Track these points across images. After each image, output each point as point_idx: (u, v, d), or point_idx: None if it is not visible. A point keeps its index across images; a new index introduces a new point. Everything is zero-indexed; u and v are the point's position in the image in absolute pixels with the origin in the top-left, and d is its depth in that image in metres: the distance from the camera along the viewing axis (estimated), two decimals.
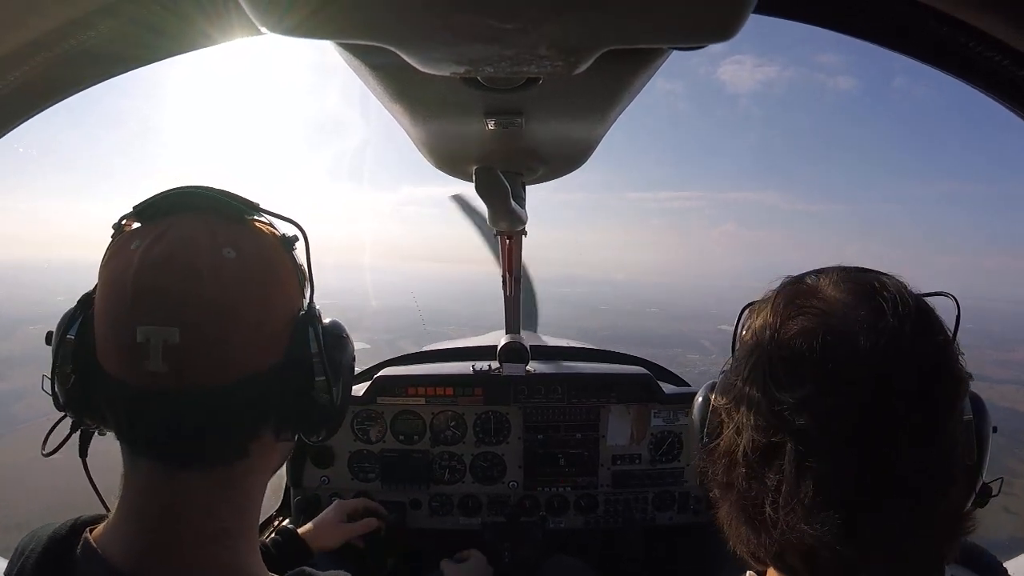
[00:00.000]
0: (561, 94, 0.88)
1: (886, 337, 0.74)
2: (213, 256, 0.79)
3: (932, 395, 0.75)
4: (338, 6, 0.56)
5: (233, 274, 0.80)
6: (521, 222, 1.63)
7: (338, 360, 0.92)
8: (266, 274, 0.85)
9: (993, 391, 50.62)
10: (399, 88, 0.88)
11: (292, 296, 0.89)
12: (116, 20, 0.82)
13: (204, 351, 0.78)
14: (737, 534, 0.86)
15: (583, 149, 1.19)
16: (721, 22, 0.58)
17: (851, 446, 0.73)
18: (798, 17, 0.87)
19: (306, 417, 0.90)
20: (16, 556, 0.83)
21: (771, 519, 0.77)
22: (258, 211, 0.89)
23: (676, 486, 2.88)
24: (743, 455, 0.81)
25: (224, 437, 0.84)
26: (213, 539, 0.83)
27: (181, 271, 0.78)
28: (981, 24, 0.77)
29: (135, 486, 0.83)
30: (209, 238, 0.81)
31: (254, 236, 0.86)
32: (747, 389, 0.82)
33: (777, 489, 0.77)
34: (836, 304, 0.79)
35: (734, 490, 0.83)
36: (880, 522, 0.74)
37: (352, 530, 2.18)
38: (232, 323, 0.79)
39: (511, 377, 2.80)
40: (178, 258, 0.78)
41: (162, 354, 0.76)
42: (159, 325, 0.76)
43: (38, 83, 0.86)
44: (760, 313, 0.87)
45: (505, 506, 2.87)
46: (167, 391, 0.77)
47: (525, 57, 0.63)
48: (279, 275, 0.87)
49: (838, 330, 0.76)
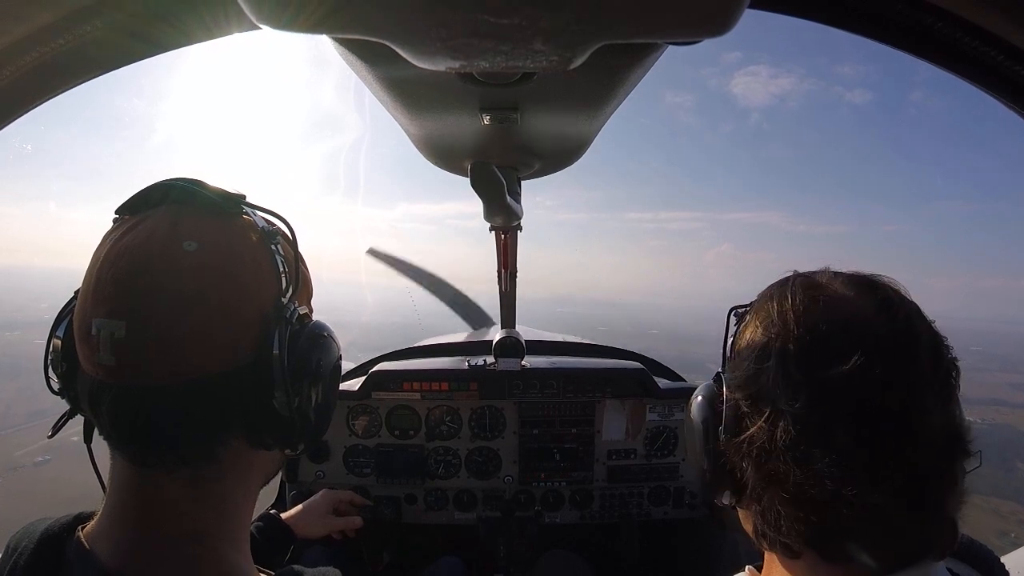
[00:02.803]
0: (556, 89, 0.88)
1: (900, 319, 0.82)
2: (171, 249, 0.77)
3: (945, 368, 0.82)
4: (334, 1, 0.56)
5: (189, 268, 0.77)
6: (516, 217, 1.63)
7: (310, 366, 0.85)
8: (231, 269, 0.80)
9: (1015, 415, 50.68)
10: (395, 83, 0.87)
11: (264, 294, 0.83)
12: (109, 16, 0.81)
13: (152, 346, 0.75)
14: (778, 526, 0.84)
15: (579, 144, 1.20)
16: (716, 16, 0.58)
17: (903, 409, 0.77)
18: (792, 11, 0.87)
19: (268, 425, 0.84)
20: (8, 553, 0.82)
21: (833, 495, 0.77)
22: (239, 204, 0.86)
23: (671, 481, 2.90)
24: (784, 441, 0.81)
25: (179, 438, 0.80)
26: (193, 540, 0.82)
27: (133, 264, 0.76)
28: (976, 19, 0.78)
29: (115, 482, 0.83)
30: (172, 230, 0.78)
31: (226, 230, 0.82)
32: (779, 376, 0.83)
33: (835, 464, 0.77)
34: (845, 294, 0.86)
35: (780, 479, 0.82)
36: (915, 491, 0.78)
37: (336, 524, 2.17)
38: (184, 319, 0.76)
39: (506, 372, 2.81)
40: (135, 251, 0.77)
41: (110, 347, 0.74)
42: (108, 317, 0.75)
43: (29, 80, 0.85)
44: (763, 310, 0.90)
45: (500, 501, 2.88)
46: (118, 385, 0.76)
47: (520, 52, 0.63)
48: (247, 271, 0.81)
49: (859, 314, 0.83)
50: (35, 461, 22.60)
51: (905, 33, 0.84)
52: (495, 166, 1.20)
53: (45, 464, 21.63)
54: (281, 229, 0.89)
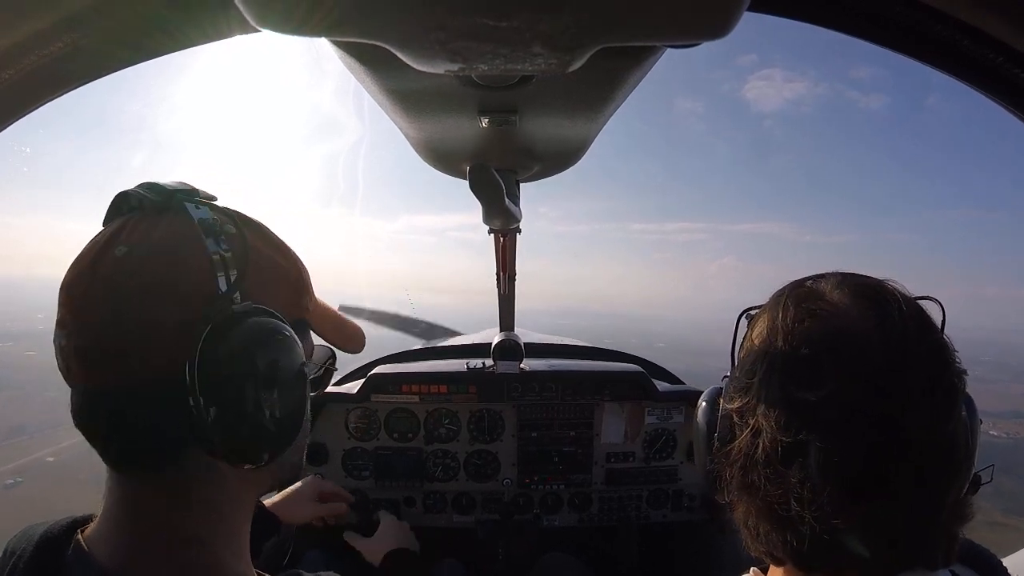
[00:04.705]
0: (555, 92, 0.89)
1: (895, 334, 0.79)
2: (104, 255, 0.78)
3: (942, 386, 0.79)
4: (333, 4, 0.56)
5: (117, 272, 0.76)
6: (515, 220, 1.63)
7: (244, 370, 0.77)
8: (161, 271, 0.77)
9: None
10: (393, 86, 0.87)
11: (193, 294, 0.77)
12: (108, 18, 0.81)
13: (86, 353, 0.76)
14: (756, 534, 0.87)
15: (577, 147, 1.20)
16: (715, 20, 0.58)
17: (874, 437, 0.76)
18: (792, 15, 0.88)
19: (212, 437, 0.76)
20: (7, 556, 0.82)
21: (798, 516, 0.78)
22: (181, 202, 0.82)
23: (670, 484, 2.90)
24: (763, 456, 0.82)
25: (132, 443, 0.79)
26: (186, 544, 0.81)
27: (73, 273, 0.79)
28: (976, 21, 0.78)
29: (106, 485, 0.84)
30: (110, 237, 0.79)
31: (162, 230, 0.80)
32: (763, 391, 0.83)
33: (802, 485, 0.78)
34: (842, 306, 0.83)
35: (755, 491, 0.84)
36: (903, 510, 0.77)
37: (320, 510, 2.19)
38: (114, 325, 0.75)
39: (505, 375, 2.80)
40: (78, 260, 0.80)
41: (60, 354, 0.78)
42: (57, 327, 0.78)
43: (27, 83, 0.85)
44: (765, 317, 0.89)
45: (499, 504, 2.87)
46: (76, 388, 0.80)
47: (519, 55, 0.63)
48: (178, 272, 0.78)
49: (850, 330, 0.81)
50: (4, 484, 21.35)
51: (903, 36, 0.84)
52: (494, 169, 1.20)
53: (16, 487, 20.67)
54: (234, 222, 0.85)
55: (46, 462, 5.37)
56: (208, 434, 0.76)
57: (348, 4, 0.56)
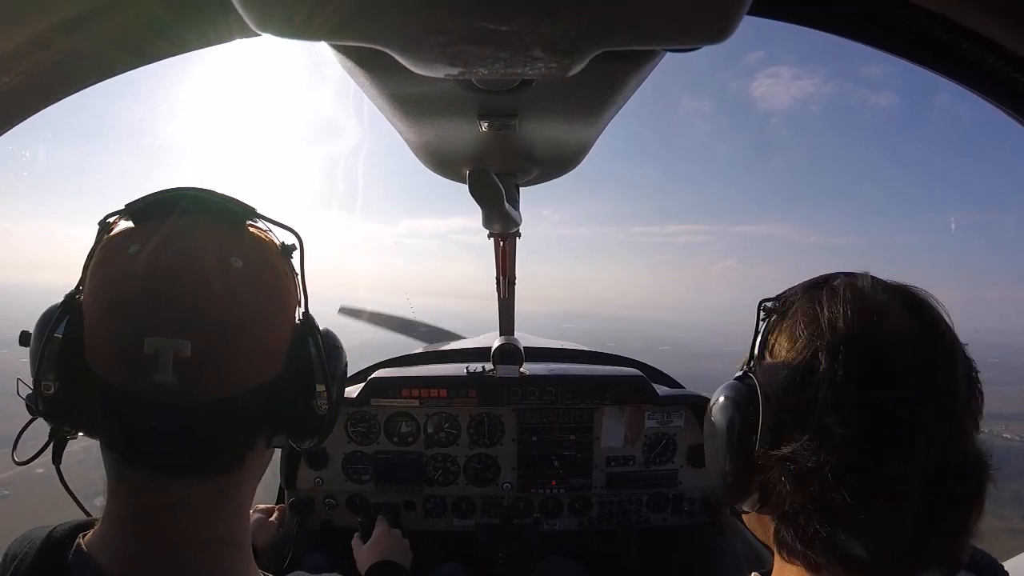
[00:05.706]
0: (555, 96, 0.89)
1: (945, 339, 0.80)
2: (222, 266, 0.79)
3: (975, 387, 0.80)
4: (332, 8, 0.56)
5: (241, 285, 0.80)
6: (515, 224, 1.63)
7: (334, 369, 0.91)
8: (270, 284, 0.85)
9: None
10: (393, 90, 0.87)
11: (292, 305, 0.89)
12: (108, 22, 0.81)
13: (213, 363, 0.76)
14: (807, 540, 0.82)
15: (577, 150, 1.20)
16: (714, 23, 0.58)
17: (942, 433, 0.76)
18: (791, 19, 0.88)
19: (302, 425, 0.90)
20: (8, 560, 0.81)
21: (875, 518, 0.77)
22: (255, 216, 0.88)
23: (670, 488, 2.89)
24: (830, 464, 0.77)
25: (223, 448, 0.83)
26: (205, 548, 0.82)
27: (192, 281, 0.76)
28: (974, 25, 0.78)
29: (125, 494, 0.82)
30: (216, 246, 0.80)
31: (255, 244, 0.86)
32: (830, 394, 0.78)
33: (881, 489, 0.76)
34: (890, 306, 0.82)
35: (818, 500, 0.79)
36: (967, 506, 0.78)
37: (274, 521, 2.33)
38: (240, 335, 0.79)
39: (505, 379, 2.80)
40: (188, 267, 0.77)
41: (172, 366, 0.73)
42: (170, 337, 0.73)
43: (28, 86, 0.85)
44: (812, 311, 0.85)
45: (499, 508, 2.86)
46: (174, 403, 0.76)
47: (519, 59, 0.63)
48: (281, 284, 0.87)
49: (907, 331, 0.80)
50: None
51: (902, 39, 0.85)
52: (494, 173, 1.20)
53: (4, 499, 19.59)
54: (292, 241, 0.91)
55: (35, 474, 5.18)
56: (299, 425, 0.90)
57: (348, 8, 0.56)
